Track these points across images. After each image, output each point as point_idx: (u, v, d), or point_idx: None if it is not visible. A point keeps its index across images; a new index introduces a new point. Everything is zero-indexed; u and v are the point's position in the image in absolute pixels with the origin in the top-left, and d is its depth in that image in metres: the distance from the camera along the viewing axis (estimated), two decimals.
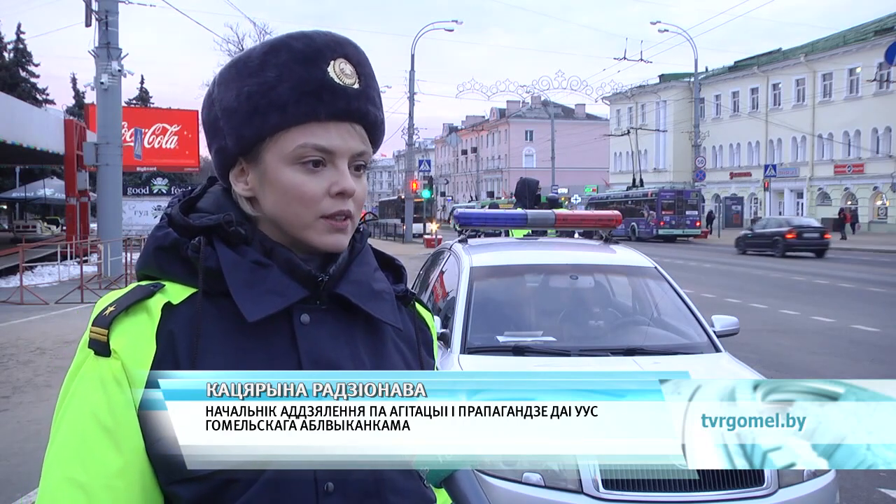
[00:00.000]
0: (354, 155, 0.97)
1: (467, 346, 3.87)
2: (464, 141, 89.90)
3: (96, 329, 0.91)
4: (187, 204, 1.03)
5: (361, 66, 0.97)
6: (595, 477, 2.86)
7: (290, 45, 0.95)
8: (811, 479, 3.03)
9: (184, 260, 0.95)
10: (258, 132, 0.94)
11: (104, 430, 0.87)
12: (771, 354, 8.75)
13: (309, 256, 0.99)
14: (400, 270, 1.14)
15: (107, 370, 0.89)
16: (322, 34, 0.97)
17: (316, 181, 0.95)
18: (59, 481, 0.86)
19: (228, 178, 1.00)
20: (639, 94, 59.95)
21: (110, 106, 18.58)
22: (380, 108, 1.00)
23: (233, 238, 0.96)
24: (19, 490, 4.33)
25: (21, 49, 47.84)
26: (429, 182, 33.57)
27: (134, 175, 33.43)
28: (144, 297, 0.92)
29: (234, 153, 0.98)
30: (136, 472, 0.87)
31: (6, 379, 7.39)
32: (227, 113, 0.96)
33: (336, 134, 0.95)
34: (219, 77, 0.99)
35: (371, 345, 1.02)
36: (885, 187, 41.54)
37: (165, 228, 0.98)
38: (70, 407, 0.90)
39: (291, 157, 0.94)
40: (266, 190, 0.97)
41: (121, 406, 0.88)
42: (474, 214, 5.38)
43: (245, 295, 0.93)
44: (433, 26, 39.28)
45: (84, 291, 13.86)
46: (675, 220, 37.20)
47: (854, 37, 45.17)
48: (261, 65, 0.95)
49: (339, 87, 0.94)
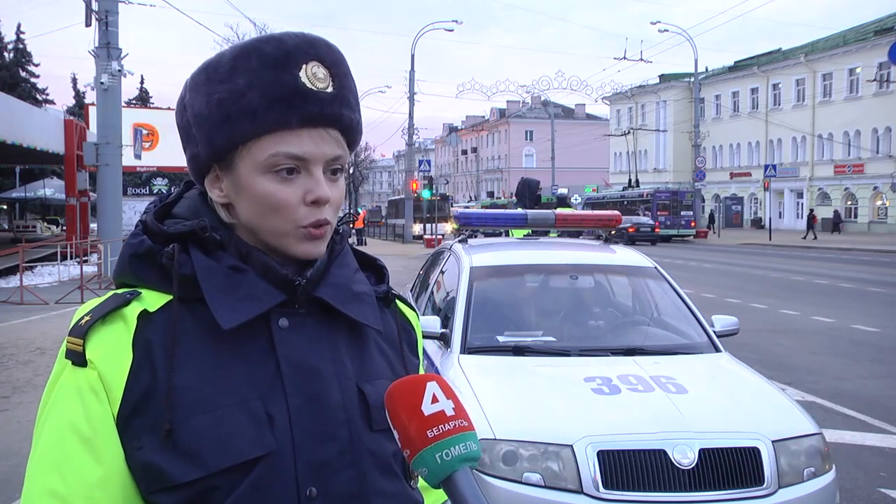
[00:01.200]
0: (329, 160, 0.95)
1: (467, 346, 3.88)
2: (464, 141, 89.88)
3: (72, 339, 0.90)
4: (163, 210, 1.01)
5: (336, 67, 0.95)
6: (595, 477, 2.86)
7: (261, 49, 0.92)
8: (811, 479, 3.03)
9: (159, 267, 0.94)
10: (229, 140, 0.92)
11: (82, 441, 0.86)
12: (771, 354, 8.75)
13: (286, 260, 0.98)
14: (382, 271, 1.12)
15: (84, 380, 0.88)
16: (293, 36, 0.94)
17: (290, 189, 0.93)
18: (38, 493, 0.85)
19: (204, 184, 0.99)
20: (639, 94, 59.94)
21: (110, 106, 18.56)
22: (355, 111, 0.97)
23: (208, 244, 0.95)
24: (18, 490, 4.33)
25: (21, 49, 47.85)
26: (429, 182, 33.45)
27: (134, 175, 33.41)
28: (120, 305, 0.91)
29: (206, 160, 0.96)
30: (116, 482, 0.87)
31: (6, 379, 7.38)
32: (199, 120, 0.94)
33: (309, 140, 0.92)
34: (190, 81, 0.97)
35: (353, 348, 1.01)
36: (885, 187, 41.52)
37: (140, 236, 0.97)
38: (49, 418, 0.89)
39: (264, 165, 0.92)
40: (241, 198, 0.95)
41: (98, 416, 0.87)
42: (474, 214, 5.38)
43: (220, 301, 0.91)
44: (433, 26, 39.30)
45: (84, 291, 13.84)
46: (670, 221, 37.85)
47: (854, 37, 45.17)
48: (230, 70, 0.92)
49: (310, 93, 0.92)
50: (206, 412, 0.88)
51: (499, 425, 3.03)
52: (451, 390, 0.87)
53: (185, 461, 0.86)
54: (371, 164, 77.83)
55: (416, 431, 0.82)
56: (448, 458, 0.81)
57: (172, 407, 0.87)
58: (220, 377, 0.91)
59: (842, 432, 5.76)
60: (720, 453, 2.93)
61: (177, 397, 0.88)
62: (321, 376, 0.95)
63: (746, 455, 2.95)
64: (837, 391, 7.07)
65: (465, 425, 0.84)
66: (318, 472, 0.91)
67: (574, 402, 3.25)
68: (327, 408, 0.94)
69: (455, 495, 0.81)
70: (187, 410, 0.88)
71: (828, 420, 5.98)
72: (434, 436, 0.82)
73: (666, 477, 2.86)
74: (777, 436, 3.04)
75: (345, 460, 0.93)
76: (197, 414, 0.88)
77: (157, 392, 0.88)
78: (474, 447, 0.83)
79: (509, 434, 3.01)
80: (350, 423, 0.95)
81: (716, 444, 2.94)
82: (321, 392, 0.94)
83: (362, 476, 0.94)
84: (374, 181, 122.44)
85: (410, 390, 0.85)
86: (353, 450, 0.94)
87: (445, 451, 0.81)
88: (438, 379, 0.87)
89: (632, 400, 3.21)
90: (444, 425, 0.82)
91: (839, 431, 5.76)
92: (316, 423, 0.92)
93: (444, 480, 0.81)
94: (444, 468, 0.81)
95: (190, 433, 0.87)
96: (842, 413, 6.34)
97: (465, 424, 0.84)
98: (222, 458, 0.87)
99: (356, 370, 0.99)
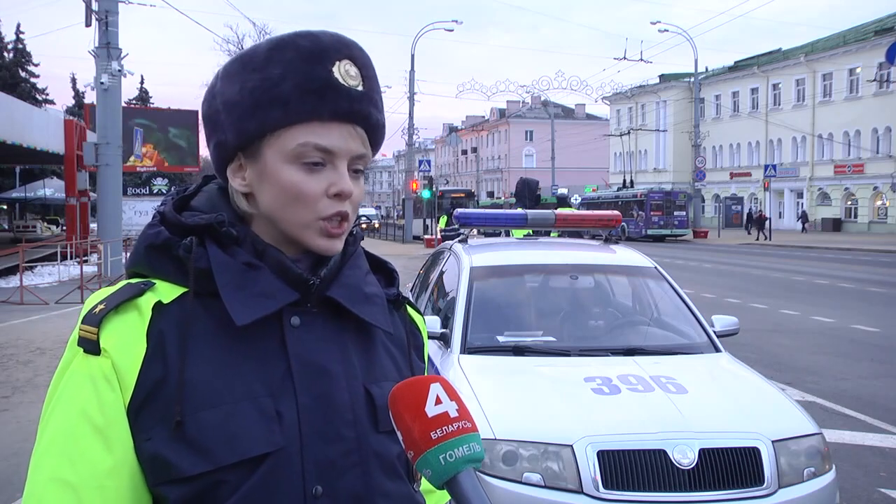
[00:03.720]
0: (354, 157, 0.96)
1: (467, 346, 3.88)
2: (464, 141, 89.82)
3: (86, 327, 0.90)
4: (181, 202, 1.01)
5: (366, 69, 0.97)
6: (595, 477, 2.86)
7: (297, 42, 0.94)
8: (811, 479, 3.03)
9: (175, 259, 0.94)
10: (260, 127, 0.93)
11: (94, 429, 0.86)
12: (771, 354, 8.75)
13: (300, 256, 0.98)
14: (392, 274, 1.12)
15: (97, 368, 0.88)
16: (329, 34, 0.96)
17: (315, 181, 0.94)
18: (46, 481, 0.85)
19: (226, 172, 0.99)
20: (639, 94, 59.93)
21: (110, 106, 18.58)
22: (381, 112, 0.99)
23: (224, 239, 0.95)
24: (19, 490, 4.34)
25: (21, 49, 47.88)
26: (429, 182, 33.43)
27: (134, 175, 33.42)
28: (135, 295, 0.91)
29: (233, 147, 0.96)
30: (126, 472, 0.86)
31: (6, 379, 7.38)
32: (229, 106, 0.95)
33: (338, 134, 0.94)
34: (222, 71, 0.98)
35: (361, 349, 1.01)
36: (885, 187, 41.50)
37: (157, 227, 0.97)
38: (59, 405, 0.89)
39: (291, 154, 0.93)
40: (264, 187, 0.95)
41: (111, 405, 0.87)
42: (474, 214, 5.38)
43: (235, 297, 0.92)
44: (433, 26, 39.33)
45: (84, 291, 13.85)
46: (663, 221, 38.72)
47: (854, 37, 45.15)
48: (266, 60, 0.94)
49: (343, 88, 0.93)
50: (216, 407, 0.88)
51: (499, 425, 3.03)
52: (454, 391, 0.87)
53: (193, 455, 0.86)
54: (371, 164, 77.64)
55: (420, 433, 0.82)
56: (452, 459, 0.81)
57: (183, 400, 0.87)
58: (231, 373, 0.91)
59: (842, 432, 5.76)
60: (720, 453, 2.93)
61: (187, 391, 0.88)
62: (330, 376, 0.95)
63: (746, 455, 2.95)
64: (837, 391, 7.07)
65: (469, 426, 0.84)
66: (324, 471, 0.91)
67: (574, 402, 3.25)
68: (335, 407, 0.94)
69: (459, 496, 0.81)
70: (197, 404, 0.88)
71: (828, 420, 5.98)
72: (438, 437, 0.82)
73: (666, 477, 2.86)
74: (777, 436, 3.04)
75: (350, 460, 0.93)
76: (206, 408, 0.88)
77: (168, 384, 0.88)
78: (478, 448, 0.83)
79: (509, 434, 3.01)
80: (357, 424, 0.95)
81: (716, 444, 2.94)
82: (330, 392, 0.94)
83: (367, 477, 0.94)
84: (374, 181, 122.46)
85: (414, 392, 0.85)
86: (359, 450, 0.94)
87: (449, 452, 0.81)
88: (442, 380, 0.87)
89: (632, 400, 3.21)
90: (447, 427, 0.83)
91: (839, 431, 5.76)
92: (324, 422, 0.93)
93: (448, 482, 0.82)
94: (447, 469, 0.81)
95: (199, 427, 0.87)
96: (842, 413, 6.35)
97: (469, 426, 0.84)
98: (230, 453, 0.87)
99: (364, 371, 0.99)
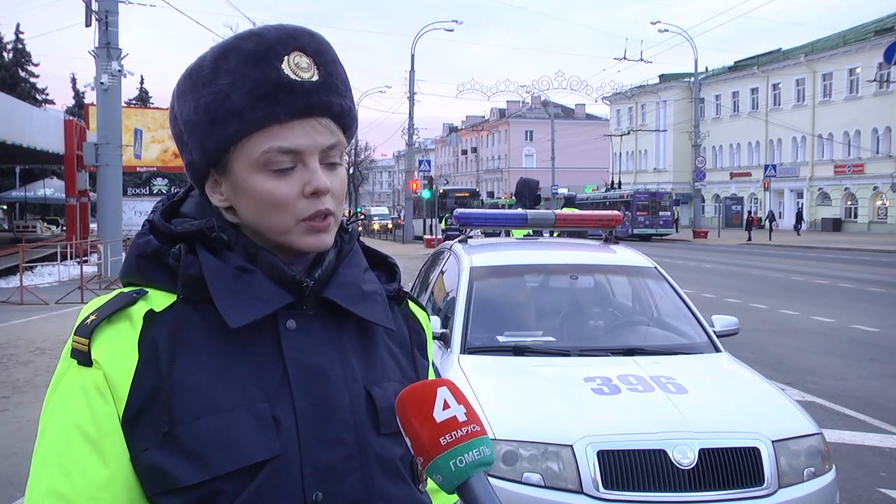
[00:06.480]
0: (324, 150, 0.93)
1: (467, 346, 3.87)
2: (464, 141, 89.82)
3: (78, 338, 0.89)
4: (170, 209, 1.00)
5: (320, 55, 0.93)
6: (595, 477, 2.86)
7: (239, 46, 0.91)
8: (811, 479, 3.03)
9: (166, 267, 0.93)
10: (220, 143, 0.91)
11: (88, 441, 0.86)
12: (771, 354, 8.75)
13: (295, 259, 0.97)
14: (393, 269, 1.09)
15: (89, 380, 0.88)
16: (273, 29, 0.93)
17: (287, 184, 0.91)
18: (42, 494, 0.84)
19: (205, 189, 0.98)
20: (639, 94, 59.93)
21: (110, 106, 18.57)
22: (346, 96, 0.95)
23: (215, 244, 0.94)
24: (19, 490, 4.34)
25: (20, 49, 47.88)
26: (429, 182, 33.40)
27: (134, 175, 33.41)
28: (127, 304, 0.90)
29: (202, 166, 0.95)
30: (121, 483, 0.86)
31: (6, 379, 7.38)
32: (190, 127, 0.93)
33: (301, 132, 0.91)
34: (176, 90, 0.96)
35: (362, 349, 0.99)
36: (885, 187, 41.50)
37: (147, 235, 0.96)
38: (53, 417, 0.88)
39: (258, 163, 0.91)
40: (240, 199, 0.94)
41: (104, 417, 0.87)
42: (474, 214, 5.38)
43: (228, 301, 0.90)
44: (433, 26, 39.34)
45: (84, 291, 13.85)
46: (649, 221, 40.40)
47: (854, 37, 45.15)
48: (213, 72, 0.91)
49: (296, 84, 0.90)
50: (213, 414, 0.87)
51: (499, 425, 3.03)
52: (462, 395, 0.85)
53: (190, 463, 0.85)
54: (371, 164, 77.69)
55: (429, 439, 0.81)
56: (462, 464, 0.80)
57: (172, 409, 0.86)
58: (226, 379, 0.90)
59: (842, 432, 5.76)
60: (720, 453, 2.93)
61: (182, 399, 0.87)
62: (328, 379, 0.94)
63: (746, 455, 2.95)
64: (837, 391, 7.07)
65: (478, 430, 0.83)
66: (324, 477, 0.90)
67: (574, 403, 3.25)
68: (334, 411, 0.92)
69: (471, 501, 0.80)
70: (193, 412, 0.87)
71: (828, 420, 5.98)
72: (447, 443, 0.81)
73: (666, 477, 2.85)
74: (777, 436, 3.04)
75: (351, 465, 0.92)
76: (202, 416, 0.87)
77: (162, 393, 0.87)
78: (488, 452, 0.82)
79: (509, 434, 3.01)
80: (357, 427, 0.93)
81: (716, 444, 2.94)
82: (328, 395, 0.93)
83: (369, 480, 0.93)
84: (374, 181, 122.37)
85: (421, 397, 0.84)
86: (361, 454, 0.93)
87: (459, 457, 0.80)
88: (449, 383, 0.86)
89: (632, 400, 3.21)
90: (456, 431, 0.81)
91: (839, 431, 5.76)
92: (323, 426, 0.91)
93: (460, 487, 0.81)
94: (458, 475, 0.80)
95: (196, 435, 0.86)
96: (842, 413, 6.34)
97: (478, 429, 0.83)
98: (228, 461, 0.86)
99: (364, 373, 0.98)
